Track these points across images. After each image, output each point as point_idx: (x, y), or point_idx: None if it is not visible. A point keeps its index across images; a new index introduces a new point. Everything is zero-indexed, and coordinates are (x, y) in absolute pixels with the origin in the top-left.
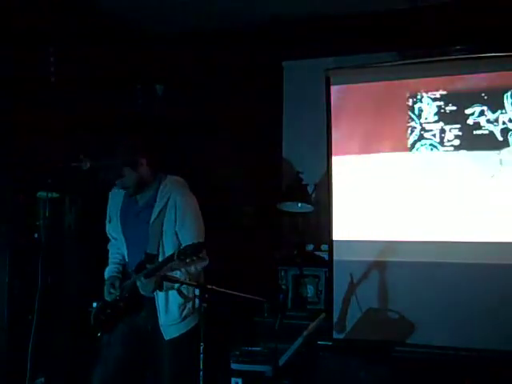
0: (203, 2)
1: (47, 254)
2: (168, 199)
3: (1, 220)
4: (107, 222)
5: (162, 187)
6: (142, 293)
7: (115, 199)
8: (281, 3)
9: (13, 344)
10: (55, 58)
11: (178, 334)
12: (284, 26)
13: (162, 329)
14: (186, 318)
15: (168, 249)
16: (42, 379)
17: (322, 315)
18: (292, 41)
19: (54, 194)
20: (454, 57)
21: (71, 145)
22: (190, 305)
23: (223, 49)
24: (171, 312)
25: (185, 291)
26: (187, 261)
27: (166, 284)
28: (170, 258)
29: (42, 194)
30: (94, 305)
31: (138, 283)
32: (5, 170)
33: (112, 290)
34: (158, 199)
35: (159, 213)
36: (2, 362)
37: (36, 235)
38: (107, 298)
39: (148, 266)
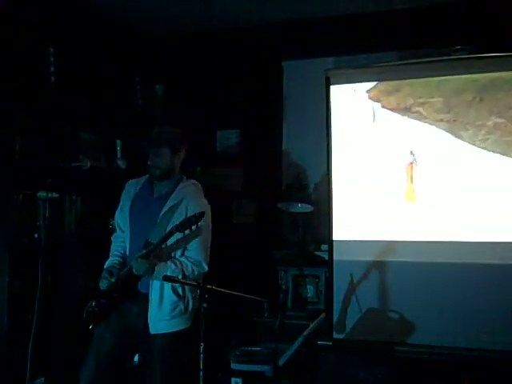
0: (203, 3)
1: (47, 254)
2: (182, 199)
3: (1, 220)
4: (118, 210)
5: (180, 186)
6: (135, 273)
7: (130, 188)
8: (281, 3)
9: (13, 344)
10: (55, 58)
11: (164, 331)
12: (284, 26)
13: (149, 322)
14: (175, 317)
15: (170, 245)
16: (42, 379)
17: (322, 315)
18: (292, 41)
19: (54, 194)
20: (454, 57)
21: (71, 145)
22: (182, 305)
23: (223, 49)
24: (163, 308)
25: (179, 290)
26: (186, 232)
27: (158, 269)
28: (169, 234)
29: (41, 193)
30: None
31: (133, 263)
32: (5, 170)
33: (108, 276)
34: (173, 195)
35: (171, 208)
36: (2, 361)
37: (36, 235)
38: (102, 285)
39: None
